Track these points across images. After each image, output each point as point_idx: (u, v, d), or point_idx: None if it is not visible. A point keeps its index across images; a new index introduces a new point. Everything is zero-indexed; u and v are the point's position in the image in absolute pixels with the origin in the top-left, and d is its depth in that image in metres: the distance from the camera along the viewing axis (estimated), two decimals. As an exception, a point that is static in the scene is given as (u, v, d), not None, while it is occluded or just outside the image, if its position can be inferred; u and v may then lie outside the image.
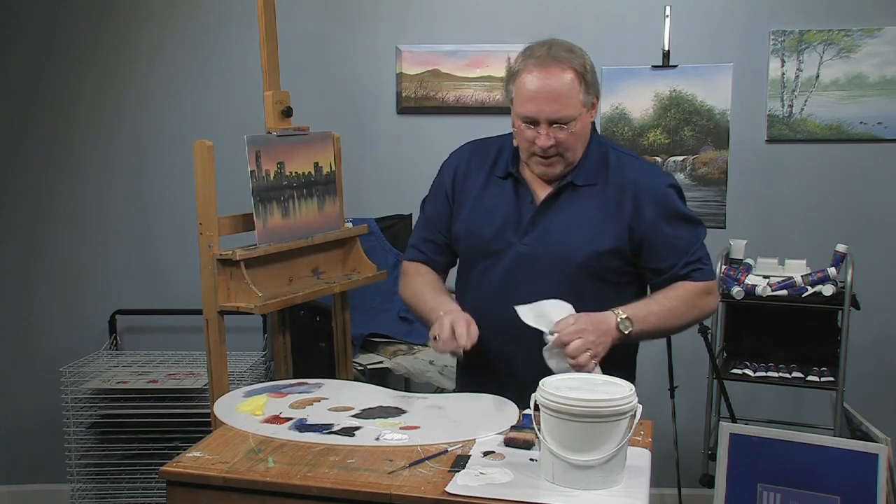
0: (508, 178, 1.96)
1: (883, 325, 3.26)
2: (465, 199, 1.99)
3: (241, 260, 2.18)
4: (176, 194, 3.32)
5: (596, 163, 1.92)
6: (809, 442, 1.65)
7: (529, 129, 1.84)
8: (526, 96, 1.83)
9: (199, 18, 3.31)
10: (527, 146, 1.87)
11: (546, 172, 1.89)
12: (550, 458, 1.41)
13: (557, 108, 1.81)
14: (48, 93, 3.34)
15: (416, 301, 2.00)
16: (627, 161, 1.94)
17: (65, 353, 3.23)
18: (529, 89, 1.82)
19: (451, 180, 2.03)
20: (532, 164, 1.90)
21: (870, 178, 3.21)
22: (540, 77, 1.81)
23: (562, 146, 1.84)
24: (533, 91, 1.81)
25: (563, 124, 1.82)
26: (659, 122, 3.21)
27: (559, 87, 1.81)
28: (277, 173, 2.35)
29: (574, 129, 1.83)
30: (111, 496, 3.08)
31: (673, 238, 1.89)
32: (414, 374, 2.82)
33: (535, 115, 1.82)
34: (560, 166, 1.88)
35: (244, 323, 3.11)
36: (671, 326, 1.91)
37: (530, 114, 1.82)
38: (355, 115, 3.30)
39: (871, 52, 3.13)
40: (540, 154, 1.85)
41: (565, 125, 1.82)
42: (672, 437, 3.05)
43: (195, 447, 1.55)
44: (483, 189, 1.98)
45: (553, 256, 1.88)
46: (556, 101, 1.81)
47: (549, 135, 1.82)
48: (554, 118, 1.81)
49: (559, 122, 1.82)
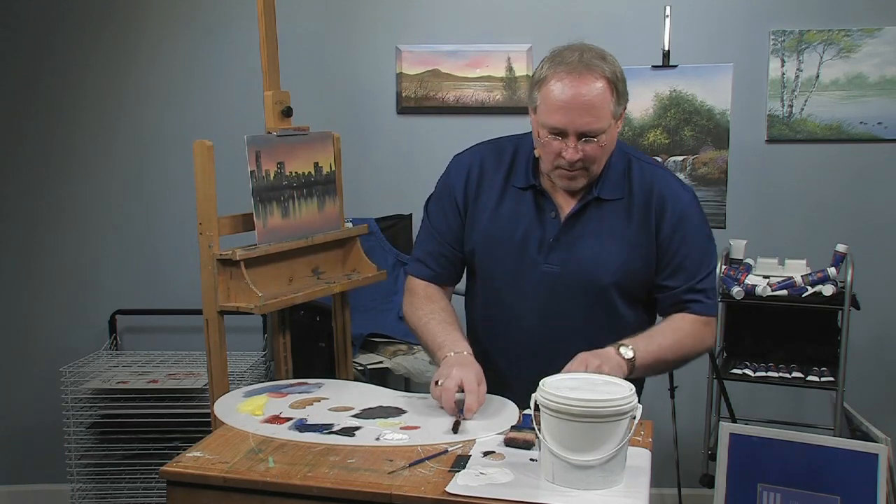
0: (529, 189, 1.86)
1: (883, 325, 3.26)
2: (480, 211, 1.89)
3: (241, 260, 2.18)
4: (176, 194, 3.32)
5: (620, 174, 1.85)
6: (809, 442, 1.65)
7: (556, 140, 1.74)
8: (555, 105, 1.71)
9: (199, 18, 3.31)
10: (551, 158, 1.76)
11: (569, 186, 1.81)
12: (550, 458, 1.41)
13: (589, 120, 1.71)
14: (48, 93, 3.34)
15: (423, 331, 1.89)
16: (650, 171, 1.86)
17: (65, 353, 3.23)
18: (560, 98, 1.70)
19: (463, 187, 1.91)
20: (554, 177, 1.81)
21: (870, 178, 3.21)
22: (571, 86, 1.69)
23: (589, 160, 1.75)
24: (563, 101, 1.70)
25: (592, 137, 1.72)
26: (659, 122, 3.21)
27: (591, 97, 1.70)
28: (277, 173, 2.35)
29: (603, 142, 1.74)
30: (111, 496, 3.08)
31: (683, 258, 1.83)
32: (414, 374, 2.82)
33: (564, 126, 1.71)
34: (584, 180, 1.80)
35: (244, 323, 3.11)
36: (669, 363, 1.85)
37: (559, 125, 1.72)
38: (355, 115, 3.30)
39: (871, 52, 3.13)
40: (566, 167, 1.76)
41: (594, 138, 1.73)
42: (672, 437, 3.05)
43: (195, 447, 1.55)
44: (500, 200, 1.88)
45: (582, 277, 1.82)
46: (588, 112, 1.70)
47: (578, 148, 1.72)
48: (584, 130, 1.71)
49: (589, 134, 1.72)
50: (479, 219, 1.89)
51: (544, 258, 1.83)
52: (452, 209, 1.92)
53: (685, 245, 1.82)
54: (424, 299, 1.93)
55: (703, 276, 1.84)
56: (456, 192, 1.92)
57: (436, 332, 1.84)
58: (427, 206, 2.00)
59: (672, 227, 1.81)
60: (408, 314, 1.97)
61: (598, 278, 1.81)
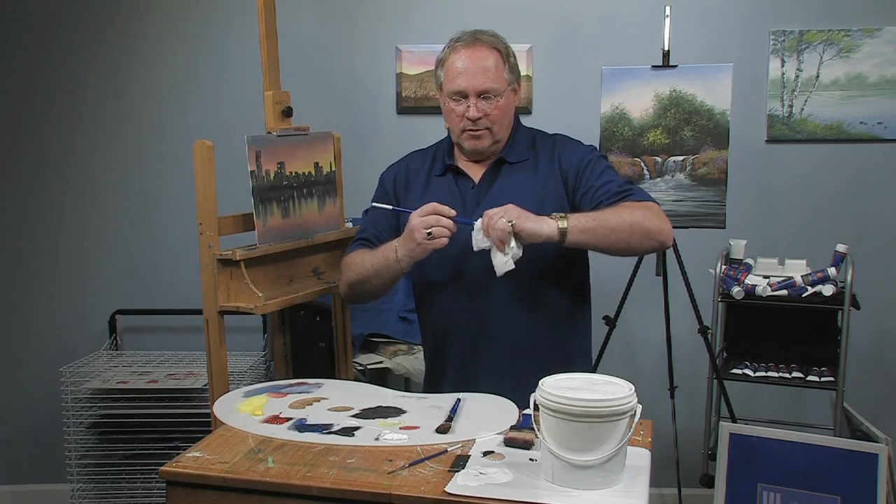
0: (447, 172, 2.08)
1: (883, 325, 3.26)
2: (409, 203, 2.06)
3: (241, 260, 2.18)
4: (176, 194, 3.32)
5: (525, 144, 2.07)
6: (809, 442, 1.65)
7: (459, 104, 1.98)
8: (455, 72, 1.98)
9: (199, 18, 3.31)
10: (458, 122, 2.00)
11: (476, 147, 2.01)
12: (550, 458, 1.41)
13: (484, 80, 1.96)
14: (48, 92, 3.34)
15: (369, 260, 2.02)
16: (551, 137, 2.10)
17: (65, 353, 3.24)
18: (458, 66, 1.98)
19: (393, 187, 2.15)
20: (462, 141, 2.02)
21: (870, 178, 3.21)
22: (467, 55, 1.98)
23: (490, 119, 1.98)
24: (461, 67, 1.97)
25: (490, 97, 1.96)
26: (659, 122, 3.21)
27: (486, 63, 1.97)
28: (277, 173, 2.34)
29: (499, 103, 1.98)
30: (111, 496, 3.08)
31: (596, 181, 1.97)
32: (414, 374, 2.82)
33: (464, 88, 1.96)
34: (488, 140, 2.00)
35: (244, 323, 3.11)
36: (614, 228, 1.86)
37: (460, 87, 1.97)
38: (355, 115, 3.30)
39: (871, 52, 3.13)
40: (470, 128, 1.98)
41: (492, 98, 1.97)
42: (672, 437, 3.05)
43: (195, 447, 1.55)
44: (425, 189, 2.09)
45: None
46: (484, 73, 1.96)
47: (478, 106, 1.96)
48: (482, 90, 1.96)
49: (487, 93, 1.96)
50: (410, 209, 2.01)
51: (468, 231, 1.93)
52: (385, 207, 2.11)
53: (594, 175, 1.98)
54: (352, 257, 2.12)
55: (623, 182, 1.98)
56: (389, 194, 2.15)
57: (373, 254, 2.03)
58: (366, 211, 2.26)
59: (577, 167, 2.00)
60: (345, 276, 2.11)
61: None
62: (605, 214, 1.87)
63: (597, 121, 3.06)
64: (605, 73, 3.16)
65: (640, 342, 3.29)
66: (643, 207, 1.90)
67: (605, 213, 1.88)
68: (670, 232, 1.92)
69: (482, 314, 2.00)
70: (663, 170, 3.17)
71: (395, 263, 1.95)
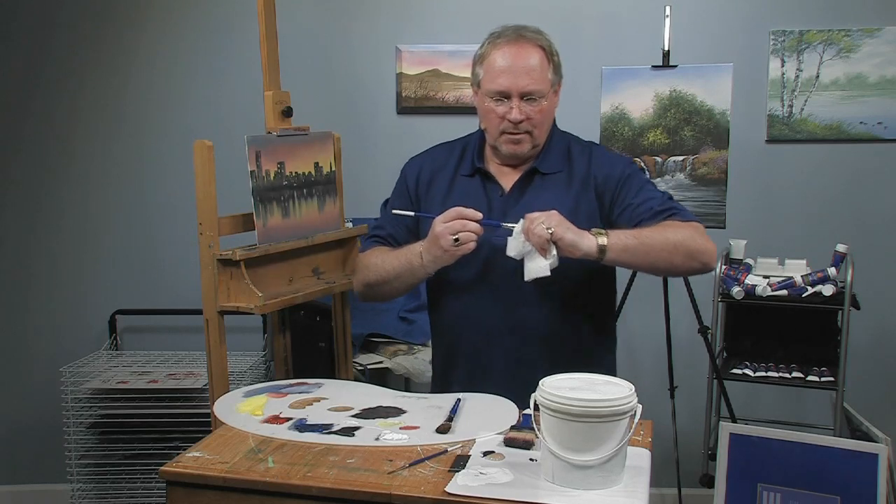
0: (475, 174, 1.97)
1: (883, 325, 3.26)
2: (431, 203, 1.99)
3: (241, 260, 2.18)
4: (176, 194, 3.32)
5: (560, 152, 1.96)
6: (809, 442, 1.65)
7: (500, 104, 1.87)
8: (498, 71, 1.87)
9: (199, 18, 3.31)
10: (497, 123, 1.89)
11: (514, 151, 1.91)
12: (550, 458, 1.41)
13: (529, 81, 1.85)
14: (48, 92, 3.34)
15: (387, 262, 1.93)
16: (588, 147, 1.99)
17: (65, 353, 3.24)
18: (501, 65, 1.87)
19: (415, 184, 2.04)
20: (500, 144, 1.91)
21: (870, 178, 3.21)
22: (512, 53, 1.87)
23: (532, 122, 1.88)
24: (505, 66, 1.86)
25: (533, 99, 1.86)
26: (659, 122, 3.21)
27: (531, 62, 1.87)
28: (277, 173, 2.35)
29: (543, 106, 1.88)
30: (111, 496, 3.08)
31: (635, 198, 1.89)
32: (414, 374, 2.82)
33: (507, 88, 1.86)
34: (527, 145, 1.91)
35: (244, 323, 3.11)
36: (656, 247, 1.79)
37: (503, 87, 1.86)
38: (355, 115, 3.30)
39: (871, 52, 3.13)
40: (510, 130, 1.88)
41: (535, 100, 1.87)
42: (672, 437, 3.05)
43: (195, 447, 1.55)
44: (449, 190, 1.99)
45: None
46: (528, 74, 1.86)
47: (521, 109, 1.86)
48: (526, 91, 1.86)
49: (531, 95, 1.86)
50: (431, 209, 1.96)
51: (493, 231, 1.88)
52: (406, 202, 2.03)
53: (632, 191, 1.90)
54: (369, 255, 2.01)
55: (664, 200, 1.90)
56: (409, 190, 2.04)
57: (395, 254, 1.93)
58: (384, 206, 2.13)
59: (614, 183, 1.91)
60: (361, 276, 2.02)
61: None
62: (647, 232, 1.79)
63: (597, 121, 3.07)
64: (605, 73, 3.16)
65: (641, 342, 3.29)
66: (687, 227, 1.82)
67: (647, 231, 1.80)
68: (714, 253, 1.84)
69: (506, 316, 1.91)
70: (663, 170, 3.17)
71: (420, 269, 1.87)
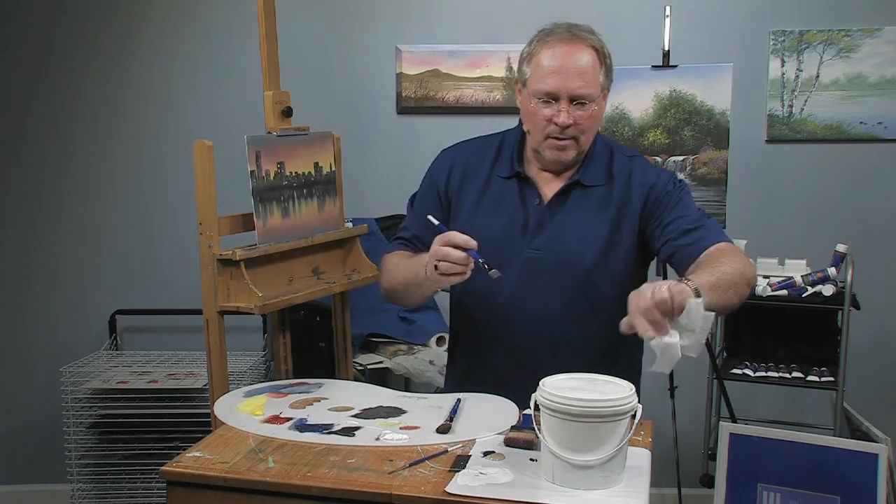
0: (513, 177, 1.87)
1: (883, 325, 3.26)
2: (464, 202, 1.90)
3: (241, 260, 2.18)
4: (176, 194, 3.32)
5: (602, 163, 1.87)
6: (809, 442, 1.65)
7: (548, 106, 1.77)
8: (548, 70, 1.76)
9: (199, 18, 3.31)
10: (542, 126, 1.78)
11: (558, 157, 1.81)
12: (550, 458, 1.41)
13: (580, 83, 1.75)
14: (48, 92, 3.34)
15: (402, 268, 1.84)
16: (630, 161, 1.89)
17: (65, 353, 3.23)
18: (552, 64, 1.76)
19: (445, 181, 1.93)
20: (543, 149, 1.81)
21: (870, 178, 3.21)
22: (563, 52, 1.76)
23: (579, 128, 1.77)
24: (556, 66, 1.75)
25: (583, 103, 1.76)
26: (659, 122, 3.21)
27: (583, 63, 1.76)
28: (277, 173, 2.34)
29: (592, 111, 1.77)
30: (111, 496, 3.08)
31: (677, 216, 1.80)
32: (414, 374, 2.82)
33: (557, 89, 1.75)
34: (573, 151, 1.81)
35: (244, 323, 3.11)
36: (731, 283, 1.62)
37: (552, 88, 1.75)
38: (355, 115, 3.30)
39: (871, 52, 3.13)
40: (556, 135, 1.77)
41: (585, 105, 1.76)
42: (672, 437, 3.05)
43: (195, 447, 1.55)
44: (484, 190, 1.89)
45: (564, 261, 1.81)
46: (580, 76, 1.75)
47: (570, 112, 1.75)
48: (576, 94, 1.75)
49: (581, 99, 1.75)
50: (462, 209, 1.89)
51: (528, 244, 1.83)
52: (434, 200, 1.94)
53: (668, 208, 1.81)
54: (389, 259, 1.94)
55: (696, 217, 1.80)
56: (439, 186, 1.94)
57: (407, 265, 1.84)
58: (412, 201, 2.04)
59: (654, 200, 1.82)
60: (382, 280, 1.94)
61: (579, 261, 1.81)
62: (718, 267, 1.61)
63: (597, 121, 3.05)
64: (605, 73, 3.16)
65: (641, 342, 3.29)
66: (735, 252, 1.71)
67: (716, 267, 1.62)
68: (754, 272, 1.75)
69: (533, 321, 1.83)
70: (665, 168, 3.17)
71: (427, 284, 1.74)
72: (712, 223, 1.82)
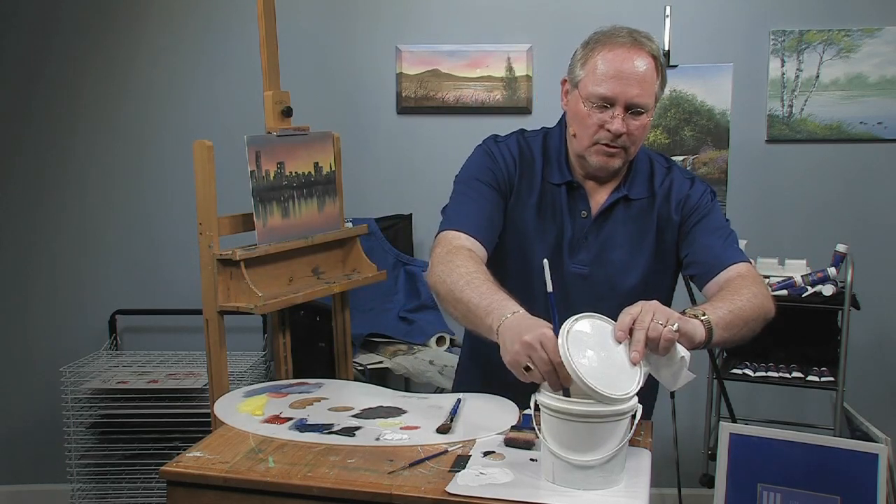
0: (563, 185, 1.81)
1: (883, 325, 3.26)
2: (524, 204, 1.81)
3: (241, 260, 2.18)
4: (176, 194, 3.32)
5: (644, 173, 1.83)
6: (809, 442, 1.65)
7: (602, 111, 1.70)
8: (606, 74, 1.69)
9: (199, 18, 3.31)
10: (593, 131, 1.72)
11: (606, 164, 1.75)
12: (550, 458, 1.41)
13: (639, 92, 1.69)
14: (48, 93, 3.34)
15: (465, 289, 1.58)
16: (668, 173, 1.85)
17: (65, 353, 3.23)
18: (611, 68, 1.69)
19: (512, 168, 1.81)
20: (590, 155, 1.74)
21: (870, 178, 3.21)
22: (624, 57, 1.70)
23: (631, 138, 1.72)
24: (615, 70, 1.69)
25: (639, 112, 1.70)
26: (659, 122, 3.21)
27: (643, 70, 1.70)
28: (277, 173, 2.35)
29: (645, 121, 1.72)
30: (111, 496, 3.08)
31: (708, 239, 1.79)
32: (414, 374, 2.82)
33: (615, 95, 1.69)
34: (620, 160, 1.75)
35: (244, 323, 3.11)
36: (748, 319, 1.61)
37: (609, 93, 1.69)
38: (355, 115, 3.30)
39: (871, 52, 3.13)
40: (606, 142, 1.72)
41: (640, 114, 1.71)
42: (672, 437, 3.05)
43: (195, 447, 1.55)
44: (540, 197, 1.81)
45: (608, 280, 1.79)
46: (639, 84, 1.69)
47: (624, 121, 1.69)
48: (633, 102, 1.69)
49: (637, 108, 1.70)
50: (514, 209, 1.82)
51: (572, 258, 1.80)
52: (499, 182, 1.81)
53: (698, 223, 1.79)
54: (468, 257, 1.67)
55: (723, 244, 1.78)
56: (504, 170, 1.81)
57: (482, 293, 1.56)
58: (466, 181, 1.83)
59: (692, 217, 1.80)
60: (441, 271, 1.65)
61: (623, 282, 1.79)
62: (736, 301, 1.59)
63: (597, 121, 3.05)
64: (605, 73, 3.16)
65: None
66: (758, 282, 1.68)
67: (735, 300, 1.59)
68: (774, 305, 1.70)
69: None
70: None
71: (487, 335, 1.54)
72: (733, 240, 1.80)
